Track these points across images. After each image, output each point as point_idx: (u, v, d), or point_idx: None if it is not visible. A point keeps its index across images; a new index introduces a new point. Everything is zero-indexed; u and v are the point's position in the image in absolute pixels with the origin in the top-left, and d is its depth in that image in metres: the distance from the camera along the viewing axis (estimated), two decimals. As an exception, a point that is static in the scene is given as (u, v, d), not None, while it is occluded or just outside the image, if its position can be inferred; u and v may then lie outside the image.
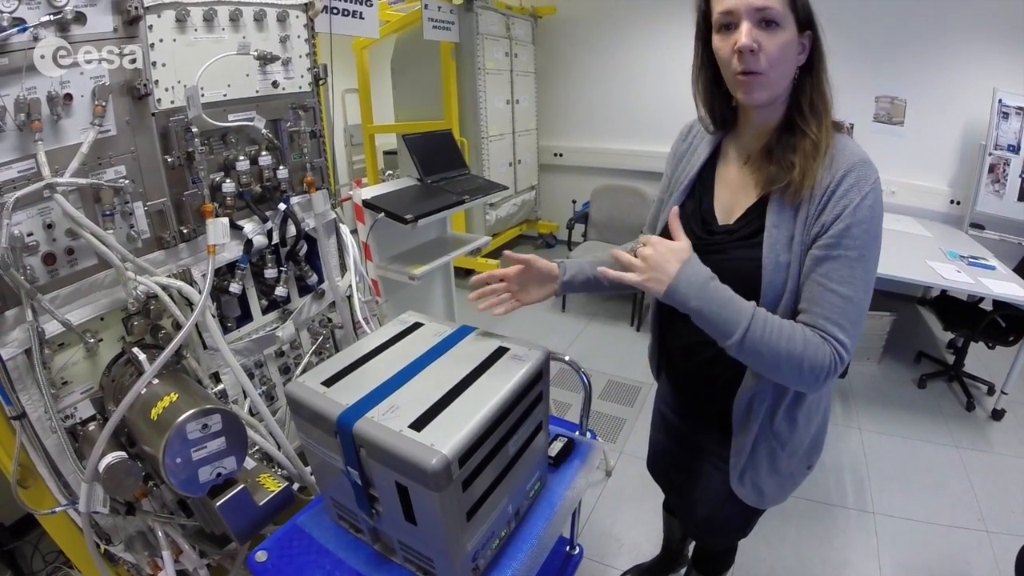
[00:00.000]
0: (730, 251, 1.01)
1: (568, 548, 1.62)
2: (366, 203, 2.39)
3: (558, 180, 5.48)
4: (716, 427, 1.16)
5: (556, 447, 1.34)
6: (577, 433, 1.43)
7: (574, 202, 4.91)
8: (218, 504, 1.06)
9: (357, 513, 1.05)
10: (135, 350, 1.17)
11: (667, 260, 0.91)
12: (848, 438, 2.73)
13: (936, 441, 2.71)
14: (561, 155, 5.41)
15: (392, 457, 0.87)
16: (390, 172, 4.28)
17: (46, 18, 1.01)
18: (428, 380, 1.03)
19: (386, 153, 5.49)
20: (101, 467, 1.01)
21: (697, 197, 1.11)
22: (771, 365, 0.90)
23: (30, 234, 1.05)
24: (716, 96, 1.04)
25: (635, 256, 0.94)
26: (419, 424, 0.90)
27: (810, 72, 0.93)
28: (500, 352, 1.11)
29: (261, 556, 1.10)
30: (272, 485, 1.19)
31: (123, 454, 1.04)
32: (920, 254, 3.09)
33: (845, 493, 2.37)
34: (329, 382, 1.03)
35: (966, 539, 2.13)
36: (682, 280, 0.90)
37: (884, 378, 3.26)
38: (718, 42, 0.93)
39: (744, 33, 0.87)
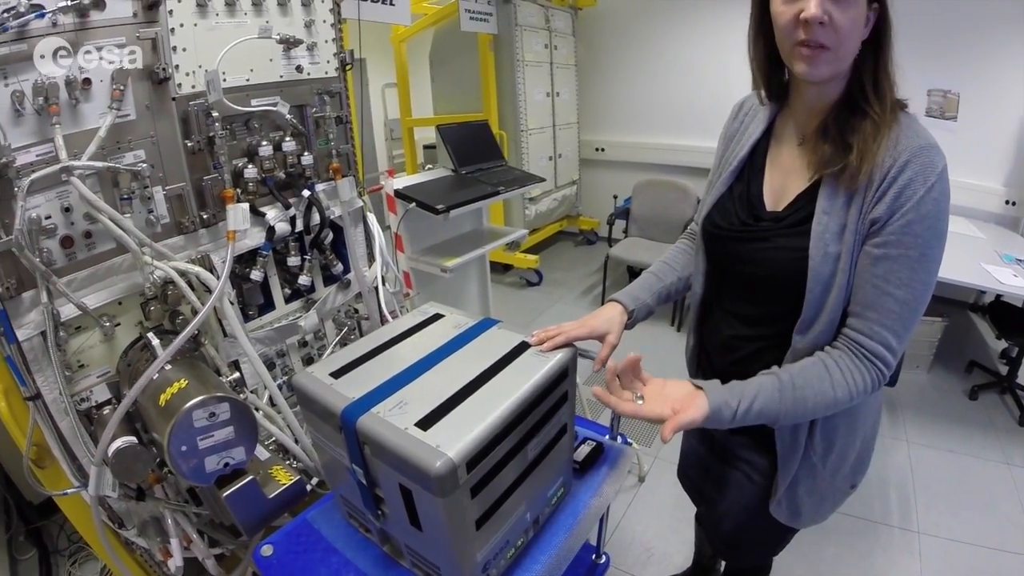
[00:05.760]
0: (774, 239, 0.92)
1: (594, 556, 1.54)
2: (398, 193, 2.36)
3: (600, 175, 5.38)
4: (747, 432, 1.07)
5: (583, 451, 1.27)
6: (607, 437, 1.35)
7: (615, 197, 4.81)
8: (225, 495, 1.03)
9: (365, 512, 1.01)
10: (150, 335, 1.16)
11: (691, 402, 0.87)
12: (895, 451, 2.59)
13: (986, 457, 2.53)
14: (603, 150, 5.31)
15: (395, 457, 0.81)
16: (429, 166, 4.28)
17: (64, 3, 1.00)
18: (442, 375, 0.97)
19: (426, 147, 5.49)
20: (110, 451, 1.00)
21: (746, 179, 1.02)
22: (826, 409, 0.88)
23: (48, 217, 1.04)
24: (773, 64, 0.94)
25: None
26: (426, 423, 0.84)
27: (875, 47, 0.83)
28: (522, 347, 1.04)
29: (267, 550, 1.07)
30: (284, 478, 1.15)
31: (133, 439, 1.03)
32: (974, 256, 2.90)
33: (889, 510, 2.23)
34: (338, 373, 0.99)
35: (1015, 564, 1.97)
36: (713, 420, 0.86)
37: (934, 388, 3.09)
38: (779, 6, 0.82)
39: (814, 3, 0.76)
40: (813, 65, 0.82)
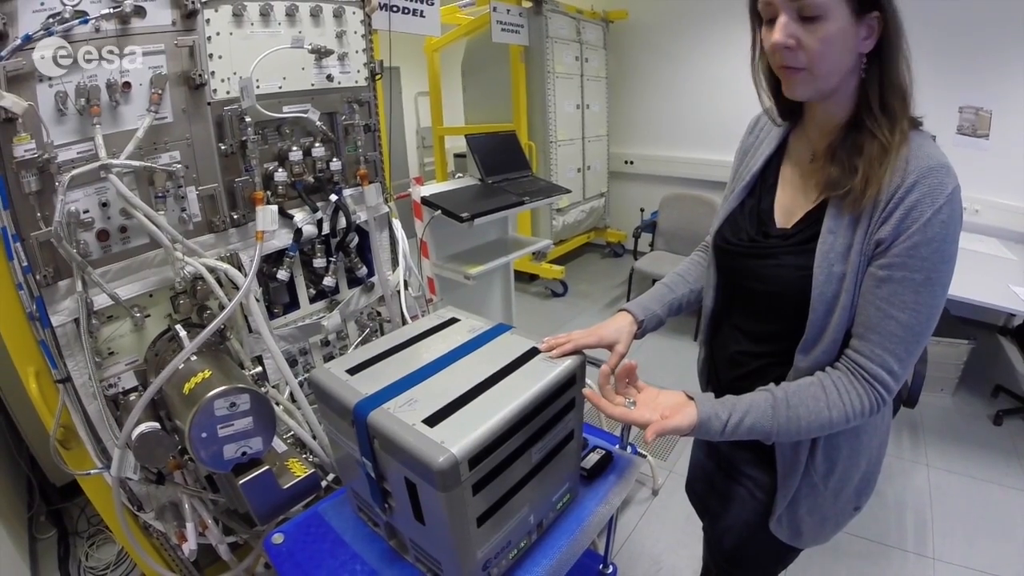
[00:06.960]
0: (781, 257, 0.91)
1: (602, 566, 1.54)
2: (425, 200, 2.40)
3: (629, 188, 5.36)
4: (751, 448, 1.06)
5: (592, 459, 1.27)
6: (617, 447, 1.35)
7: (642, 210, 4.79)
8: (241, 482, 1.07)
9: (373, 506, 1.03)
10: (178, 327, 1.21)
11: (679, 411, 0.88)
12: (914, 474, 2.51)
13: (1008, 485, 2.44)
14: (632, 162, 5.29)
15: (401, 451, 0.84)
16: (459, 174, 4.34)
17: (106, 11, 1.07)
18: (453, 376, 1.00)
19: (457, 156, 5.57)
20: (134, 435, 1.05)
21: (758, 195, 1.02)
22: (820, 429, 0.86)
23: (86, 211, 1.11)
24: (779, 85, 0.94)
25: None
26: (433, 420, 0.86)
27: (880, 61, 0.81)
28: (532, 353, 1.06)
29: (278, 538, 1.10)
30: (299, 470, 1.19)
31: (156, 425, 1.08)
32: (1003, 278, 2.80)
33: (905, 534, 2.16)
34: (354, 370, 1.02)
35: (1031, 596, 1.89)
36: (701, 431, 0.87)
37: (957, 412, 2.99)
38: (763, 33, 0.85)
39: (778, 29, 0.79)
40: (790, 87, 0.84)
